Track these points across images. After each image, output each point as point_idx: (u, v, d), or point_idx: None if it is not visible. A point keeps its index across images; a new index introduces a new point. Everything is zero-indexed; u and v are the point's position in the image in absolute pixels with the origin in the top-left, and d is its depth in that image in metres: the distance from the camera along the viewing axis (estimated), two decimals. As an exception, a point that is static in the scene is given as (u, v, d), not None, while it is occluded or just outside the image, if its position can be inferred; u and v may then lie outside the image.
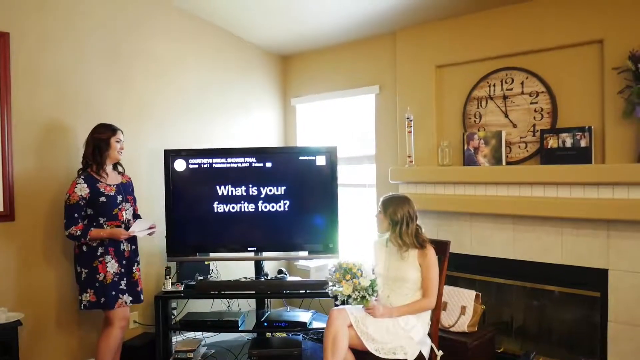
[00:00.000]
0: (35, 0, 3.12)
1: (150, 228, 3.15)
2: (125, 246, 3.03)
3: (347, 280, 2.59)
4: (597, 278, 2.88)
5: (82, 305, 2.94)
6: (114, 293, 2.93)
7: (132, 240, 3.10)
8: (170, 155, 3.58)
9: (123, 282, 2.99)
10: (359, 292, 2.58)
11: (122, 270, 3.00)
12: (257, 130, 4.47)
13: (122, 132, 3.08)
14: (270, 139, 4.58)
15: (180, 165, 3.58)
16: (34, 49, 3.13)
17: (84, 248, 2.94)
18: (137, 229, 3.06)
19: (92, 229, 2.90)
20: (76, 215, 2.89)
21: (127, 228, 3.04)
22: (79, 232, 2.86)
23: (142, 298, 3.12)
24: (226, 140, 4.16)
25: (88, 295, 2.92)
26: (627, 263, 2.78)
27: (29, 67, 3.11)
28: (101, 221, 2.95)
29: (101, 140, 2.99)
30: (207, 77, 4.09)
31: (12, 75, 3.02)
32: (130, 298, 3.02)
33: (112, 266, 2.94)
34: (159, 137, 3.75)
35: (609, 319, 2.84)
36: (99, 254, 2.93)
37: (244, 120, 4.36)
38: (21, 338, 2.89)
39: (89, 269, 2.92)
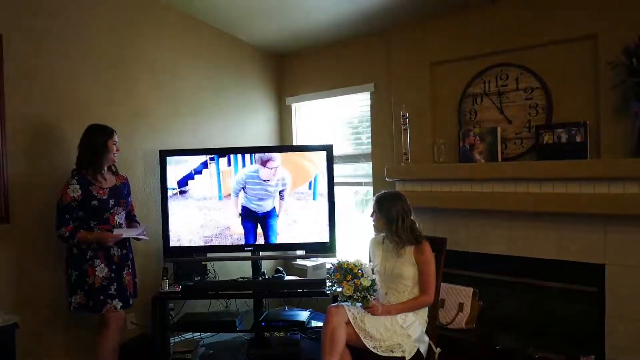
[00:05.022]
0: (29, 3, 3.11)
1: (139, 235, 3.09)
2: (115, 251, 2.97)
3: (348, 281, 2.57)
4: (594, 273, 2.88)
5: (71, 307, 2.91)
6: (102, 297, 2.88)
7: (122, 244, 3.03)
8: (166, 156, 3.57)
9: (113, 287, 2.93)
10: (360, 293, 2.56)
11: (112, 275, 2.94)
12: (253, 129, 4.47)
13: (116, 133, 3.05)
14: (266, 138, 4.57)
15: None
16: (28, 51, 3.11)
17: (75, 250, 2.90)
18: (125, 233, 3.00)
19: (80, 231, 2.87)
20: (67, 216, 2.86)
21: None
22: (67, 234, 2.83)
23: (131, 303, 3.06)
24: (222, 139, 4.15)
25: (77, 297, 2.88)
26: (624, 258, 2.78)
27: (23, 69, 3.09)
28: (92, 224, 2.91)
29: (98, 143, 2.94)
30: (202, 77, 4.08)
31: (5, 77, 2.99)
32: (121, 303, 2.96)
33: (101, 270, 2.90)
34: (154, 138, 3.74)
35: (606, 313, 2.85)
36: (88, 257, 2.89)
37: (239, 119, 4.35)
38: (18, 340, 2.87)
39: (79, 271, 2.89)
